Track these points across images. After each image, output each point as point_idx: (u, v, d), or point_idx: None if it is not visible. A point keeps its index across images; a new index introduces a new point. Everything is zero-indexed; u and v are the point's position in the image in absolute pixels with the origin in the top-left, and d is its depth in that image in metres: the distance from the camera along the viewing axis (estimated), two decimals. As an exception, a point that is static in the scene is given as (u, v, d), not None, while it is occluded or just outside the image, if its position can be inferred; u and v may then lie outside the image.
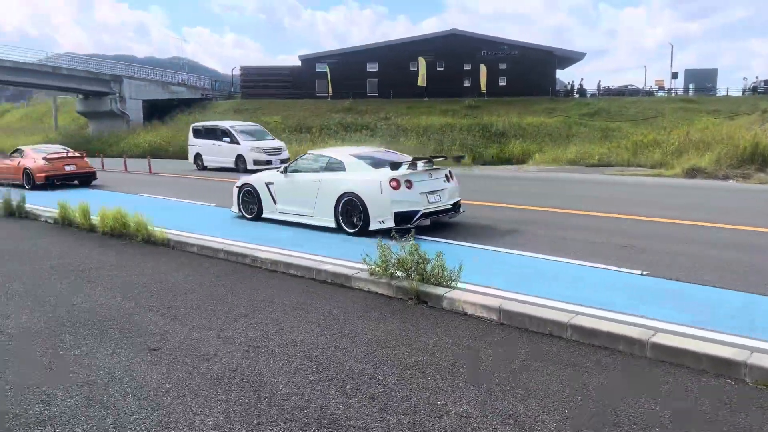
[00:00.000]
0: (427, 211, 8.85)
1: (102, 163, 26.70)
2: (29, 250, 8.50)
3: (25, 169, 17.58)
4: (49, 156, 17.88)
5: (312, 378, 3.96)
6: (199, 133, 23.69)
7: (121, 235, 9.35)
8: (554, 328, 4.73)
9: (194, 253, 8.21)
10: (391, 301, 5.72)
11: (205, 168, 22.94)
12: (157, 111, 46.21)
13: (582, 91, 49.27)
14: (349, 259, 7.02)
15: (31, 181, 17.37)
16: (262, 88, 49.94)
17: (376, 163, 9.34)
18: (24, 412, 3.51)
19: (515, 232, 8.87)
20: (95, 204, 10.51)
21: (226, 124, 23.72)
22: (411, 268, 5.82)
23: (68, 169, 17.84)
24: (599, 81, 58.05)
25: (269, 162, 20.87)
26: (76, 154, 18.89)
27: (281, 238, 8.66)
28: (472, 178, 18.70)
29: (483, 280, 6.01)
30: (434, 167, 9.28)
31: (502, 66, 47.92)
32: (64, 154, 18.34)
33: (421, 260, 5.78)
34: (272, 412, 3.48)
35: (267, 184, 10.37)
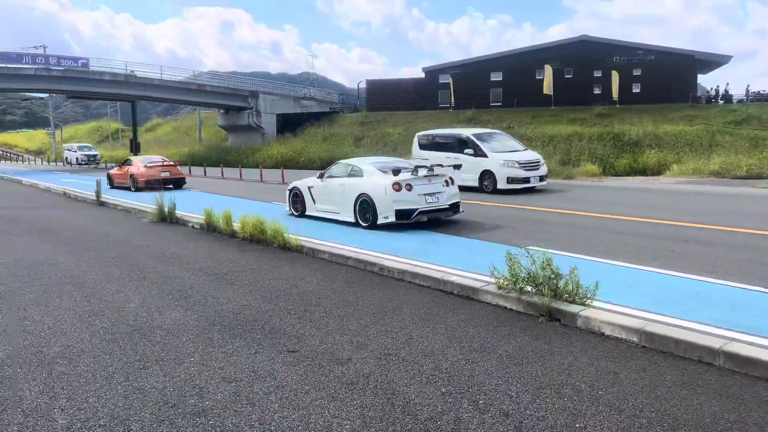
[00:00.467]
0: (425, 209, 10.68)
1: (240, 173, 28.67)
2: (180, 253, 9.29)
3: (131, 174, 21.58)
4: (148, 164, 21.96)
5: (444, 390, 3.95)
6: (427, 144, 19.39)
7: (259, 240, 9.95)
8: (704, 354, 4.36)
9: (325, 260, 8.54)
10: (521, 316, 5.58)
11: None
12: (288, 124, 48.84)
13: (727, 97, 45.20)
14: (475, 270, 6.97)
15: (135, 184, 21.18)
16: (387, 101, 51.09)
17: (388, 171, 11.14)
18: (180, 402, 3.83)
19: (663, 250, 8.31)
20: (238, 211, 11.28)
21: (466, 132, 19.04)
22: (542, 283, 5.65)
23: (163, 174, 21.64)
24: (748, 85, 52.87)
25: (526, 180, 16.92)
26: (171, 163, 23.01)
27: (406, 248, 8.78)
28: (609, 190, 17.81)
29: (620, 298, 5.70)
30: (434, 174, 11.10)
31: (636, 72, 45.27)
32: (161, 163, 22.41)
33: (553, 276, 5.59)
34: (406, 421, 3.52)
35: (309, 188, 12.64)
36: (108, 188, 21.47)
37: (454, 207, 11.19)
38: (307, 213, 12.71)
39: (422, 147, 19.45)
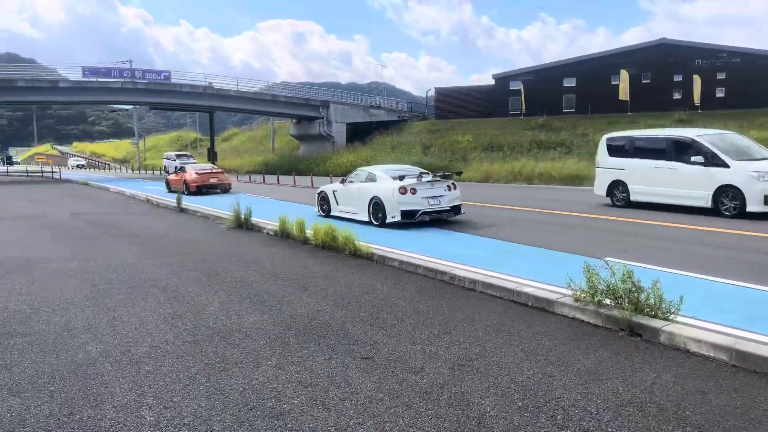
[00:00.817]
0: (426, 210, 12.23)
1: (311, 181, 29.29)
2: (256, 258, 9.58)
3: (185, 180, 24.59)
4: (199, 171, 24.99)
5: (520, 403, 3.87)
6: (623, 149, 15.08)
7: (331, 247, 10.12)
8: (804, 377, 4.06)
9: (395, 267, 8.57)
10: (599, 330, 5.40)
11: (630, 204, 14.62)
12: (358, 133, 49.52)
13: (822, 100, 42.15)
14: (550, 282, 6.81)
15: (188, 188, 23.94)
16: (456, 109, 50.90)
17: (397, 177, 12.54)
18: (259, 405, 3.94)
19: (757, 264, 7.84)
20: (312, 219, 11.53)
21: (689, 132, 14.21)
22: (622, 296, 5.44)
23: (212, 180, 24.70)
24: None
25: None
26: (218, 171, 25.86)
27: (477, 257, 8.69)
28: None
29: (705, 314, 5.41)
30: (436, 179, 12.61)
31: (720, 75, 43.05)
32: (210, 171, 25.44)
33: (634, 288, 5.37)
34: (482, 434, 3.47)
35: (333, 191, 14.34)
36: (165, 192, 25.06)
37: (455, 209, 12.75)
38: (331, 214, 14.35)
39: (614, 153, 15.29)
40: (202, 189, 24.07)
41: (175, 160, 49.95)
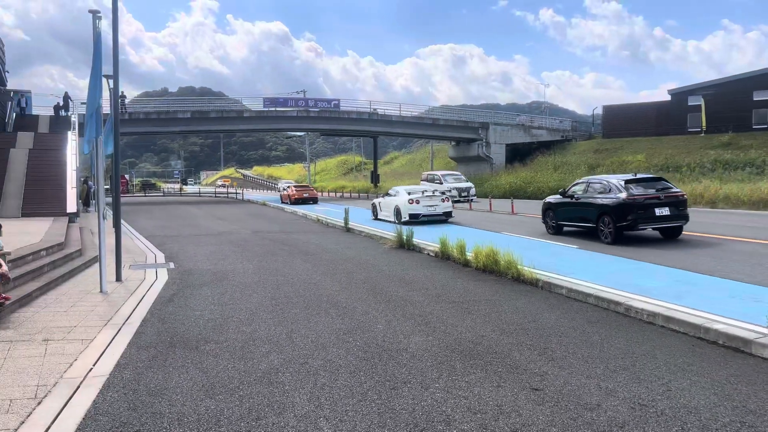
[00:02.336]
0: (425, 214, 19.27)
1: (470, 204, 29.22)
2: (418, 279, 9.75)
3: (288, 195, 37.76)
4: (295, 186, 39.70)
5: (715, 455, 3.48)
6: None
7: (492, 271, 9.99)
8: None
9: (562, 295, 8.21)
10: (811, 378, 4.68)
11: None
12: (517, 154, 48.59)
13: None
14: (744, 319, 6.07)
15: (289, 200, 36.71)
16: (625, 127, 47.86)
17: (411, 193, 19.93)
18: (429, 427, 3.97)
19: None
20: (471, 241, 11.51)
21: None
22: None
23: (305, 195, 36.93)
24: None
25: None
26: (309, 186, 40.49)
27: (655, 288, 8.03)
28: None
29: None
30: (433, 194, 19.98)
31: None
32: (303, 188, 39.07)
33: None
34: (671, 485, 3.17)
35: (378, 203, 22.13)
36: (289, 204, 35.81)
37: (447, 214, 19.91)
38: (378, 217, 21.77)
39: None
40: (299, 200, 36.29)
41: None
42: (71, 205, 20.70)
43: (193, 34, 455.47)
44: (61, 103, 38.01)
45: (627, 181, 13.31)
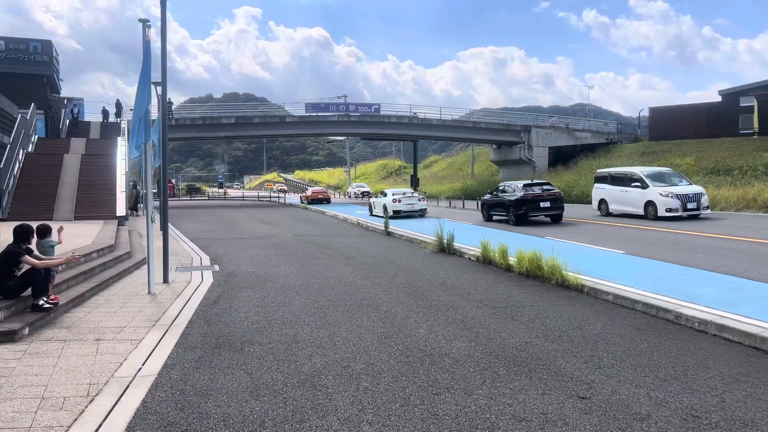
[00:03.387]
0: (405, 210, 25.42)
1: (511, 206, 28.85)
2: (459, 283, 9.68)
3: (306, 196, 44.68)
4: (314, 191, 45.96)
5: (775, 471, 3.32)
6: None
7: (536, 276, 9.83)
8: None
9: (609, 302, 8.02)
10: None
11: None
12: (561, 157, 47.80)
13: None
14: (807, 329, 5.79)
15: (306, 201, 43.22)
16: (673, 129, 46.51)
17: (395, 194, 26.39)
18: (472, 433, 3.92)
19: None
20: (513, 246, 11.37)
21: None
22: None
23: (319, 196, 44.25)
24: None
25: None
26: (322, 189, 47.74)
27: (706, 295, 7.75)
28: None
29: None
30: (411, 195, 26.92)
31: None
32: (318, 191, 46.60)
33: None
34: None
35: (372, 201, 28.68)
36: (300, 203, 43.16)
37: (422, 211, 25.96)
38: (373, 213, 27.38)
39: None
40: (314, 201, 43.04)
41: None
42: (120, 208, 21.37)
43: (237, 41, 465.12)
44: (109, 108, 39.39)
45: (524, 185, 20.72)
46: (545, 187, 21.02)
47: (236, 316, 7.57)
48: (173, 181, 75.79)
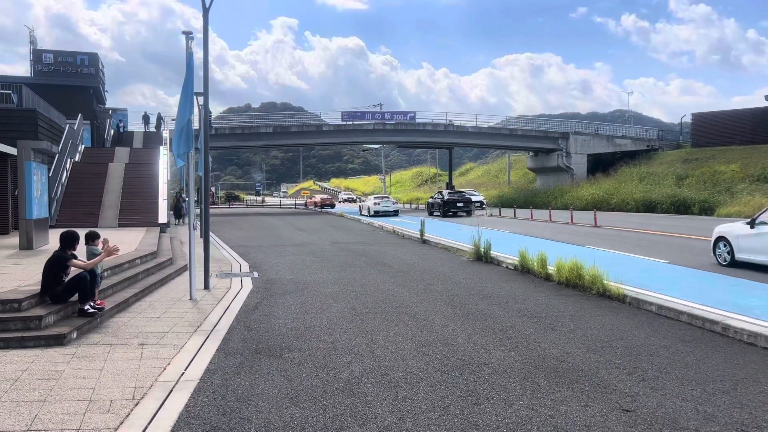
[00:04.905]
0: (382, 211, 34.99)
1: (550, 215, 28.58)
2: (497, 292, 9.59)
3: (314, 202, 53.51)
4: (319, 196, 57.04)
5: (834, 491, 3.18)
6: None
7: (576, 286, 9.68)
8: None
9: (652, 312, 7.84)
10: None
11: None
12: (600, 164, 47.00)
13: None
14: None
15: (315, 206, 51.21)
16: (717, 135, 45.22)
17: (375, 197, 38.52)
18: (513, 444, 3.87)
19: None
20: (552, 255, 11.21)
21: None
22: None
23: (326, 203, 52.08)
24: None
25: None
26: (328, 197, 57.52)
27: (754, 306, 7.50)
28: None
29: None
30: (387, 198, 38.24)
31: None
32: (324, 197, 54.81)
33: None
34: None
35: (360, 205, 41.78)
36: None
37: (396, 212, 35.79)
38: (361, 213, 36.45)
39: None
40: (321, 206, 50.87)
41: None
42: (162, 215, 21.89)
43: (274, 51, 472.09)
44: (152, 120, 40.62)
45: (449, 192, 35.33)
46: (462, 193, 36.64)
47: (275, 322, 7.66)
48: (213, 189, 77.28)
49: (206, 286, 10.30)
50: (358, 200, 63.72)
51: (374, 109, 52.92)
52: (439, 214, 33.47)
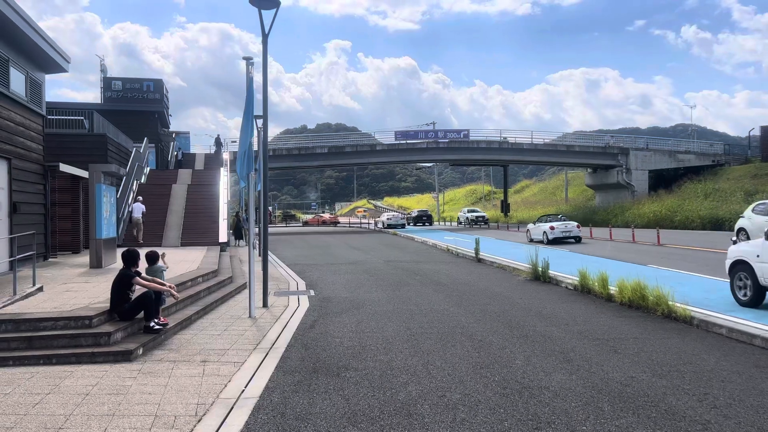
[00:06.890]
0: (393, 224, 48.04)
1: (610, 233, 27.77)
2: (556, 313, 9.36)
3: (319, 221, 62.76)
4: (329, 216, 68.60)
5: None
6: None
7: (639, 307, 9.35)
8: None
9: (722, 335, 7.47)
10: None
11: None
12: (662, 180, 45.43)
13: None
14: None
15: (324, 223, 60.88)
16: (789, 148, 43.01)
17: (387, 213, 60.81)
18: (576, 471, 3.75)
19: None
20: (614, 274, 10.88)
21: None
22: None
23: (329, 221, 62.65)
24: None
25: None
26: (334, 215, 77.28)
27: (840, 331, 7.03)
28: None
29: None
30: (397, 216, 54.22)
31: None
32: (331, 216, 71.17)
33: None
34: None
35: (377, 221, 56.35)
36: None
37: (403, 225, 48.35)
38: (378, 227, 49.84)
39: None
40: (324, 224, 58.68)
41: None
42: (222, 235, 22.52)
43: (327, 73, 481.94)
44: (214, 146, 42.29)
45: (418, 211, 57.65)
46: (425, 212, 55.69)
47: (332, 341, 7.72)
48: (270, 208, 79.04)
49: (265, 304, 10.50)
50: (425, 220, 53.72)
51: (427, 128, 53.14)
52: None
